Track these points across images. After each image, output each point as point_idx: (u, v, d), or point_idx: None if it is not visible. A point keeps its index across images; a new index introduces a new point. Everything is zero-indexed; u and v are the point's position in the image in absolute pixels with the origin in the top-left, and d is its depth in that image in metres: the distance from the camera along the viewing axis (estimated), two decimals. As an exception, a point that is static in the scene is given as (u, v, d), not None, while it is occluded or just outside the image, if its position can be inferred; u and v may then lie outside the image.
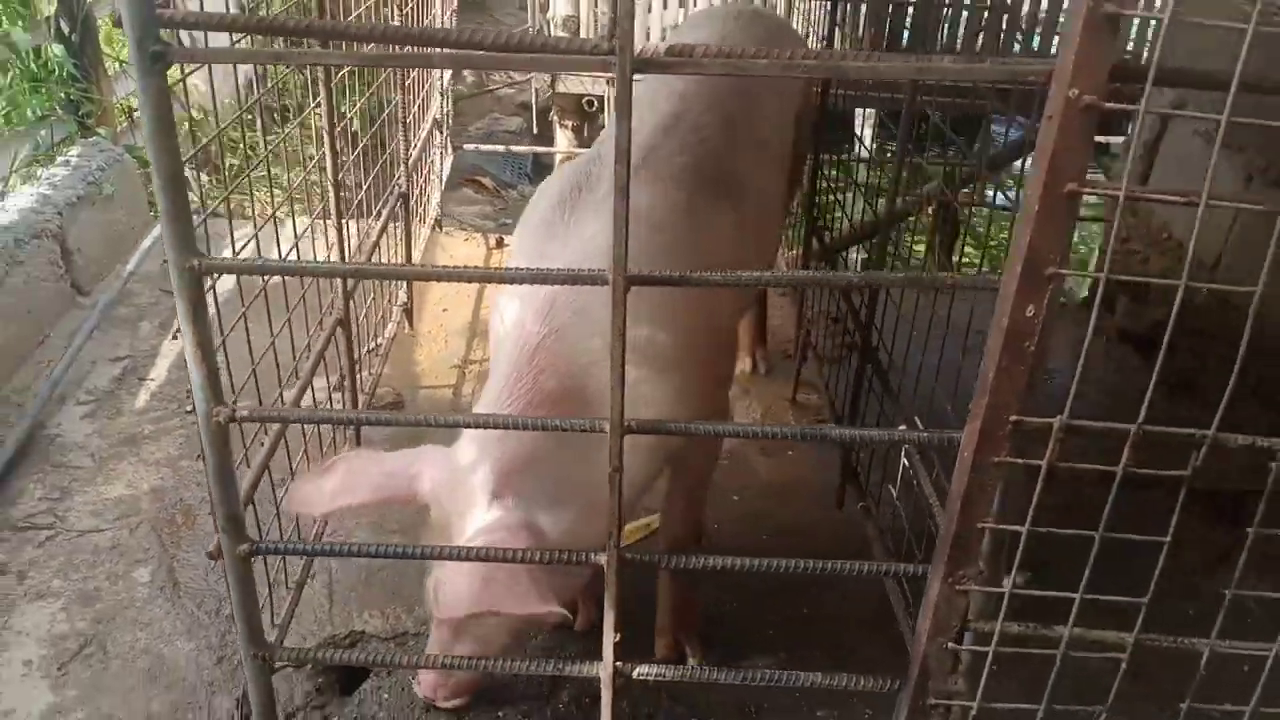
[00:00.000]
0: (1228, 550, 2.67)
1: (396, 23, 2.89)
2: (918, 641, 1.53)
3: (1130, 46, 5.86)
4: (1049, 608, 1.47)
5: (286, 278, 2.27)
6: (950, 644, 1.50)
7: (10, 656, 2.23)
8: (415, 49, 1.16)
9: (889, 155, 2.77)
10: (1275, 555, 1.56)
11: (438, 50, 1.16)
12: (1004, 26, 5.76)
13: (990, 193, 3.51)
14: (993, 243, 7.82)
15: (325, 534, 2.45)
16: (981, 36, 5.41)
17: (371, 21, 1.98)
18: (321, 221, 2.56)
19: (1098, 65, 1.15)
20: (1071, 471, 1.36)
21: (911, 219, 4.33)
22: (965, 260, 7.51)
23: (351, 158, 2.64)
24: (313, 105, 2.34)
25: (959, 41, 5.41)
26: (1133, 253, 4.00)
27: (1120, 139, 6.12)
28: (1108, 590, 1.41)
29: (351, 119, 2.60)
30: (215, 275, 1.59)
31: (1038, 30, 6.05)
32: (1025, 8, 6.02)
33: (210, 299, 1.44)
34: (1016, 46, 5.87)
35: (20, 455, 2.85)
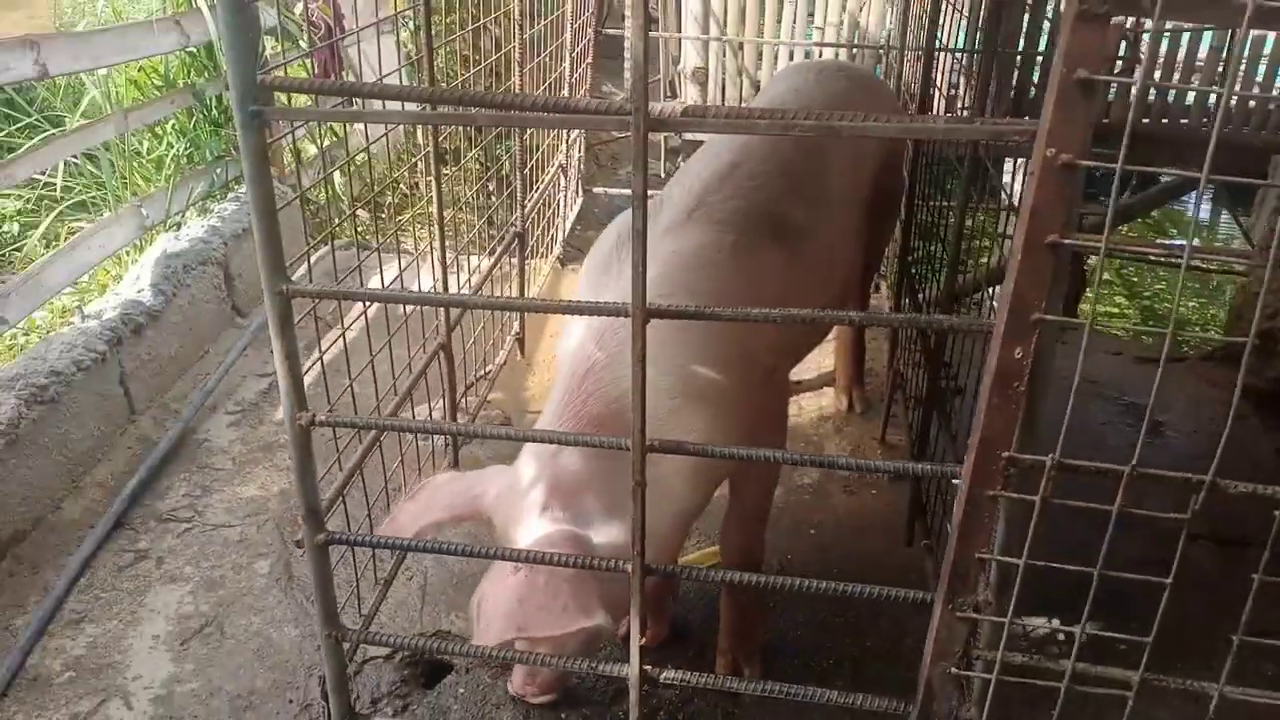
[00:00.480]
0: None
1: (517, 78, 3.18)
2: (923, 666, 1.61)
3: None
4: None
5: (403, 309, 2.51)
6: (953, 669, 1.57)
7: (142, 630, 2.53)
8: (461, 109, 1.35)
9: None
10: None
11: (480, 110, 1.35)
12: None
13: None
14: (1146, 294, 7.56)
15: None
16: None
17: (429, 86, 2.21)
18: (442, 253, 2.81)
19: (1075, 127, 1.24)
20: (1148, 521, 1.40)
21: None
22: (1115, 310, 7.28)
23: (469, 196, 2.89)
24: (420, 154, 2.59)
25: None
26: (1262, 308, 3.86)
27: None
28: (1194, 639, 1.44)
29: (467, 162, 2.84)
30: (316, 300, 1.84)
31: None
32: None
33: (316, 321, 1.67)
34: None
35: (171, 455, 3.21)
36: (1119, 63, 1.26)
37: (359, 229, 4.66)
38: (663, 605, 2.49)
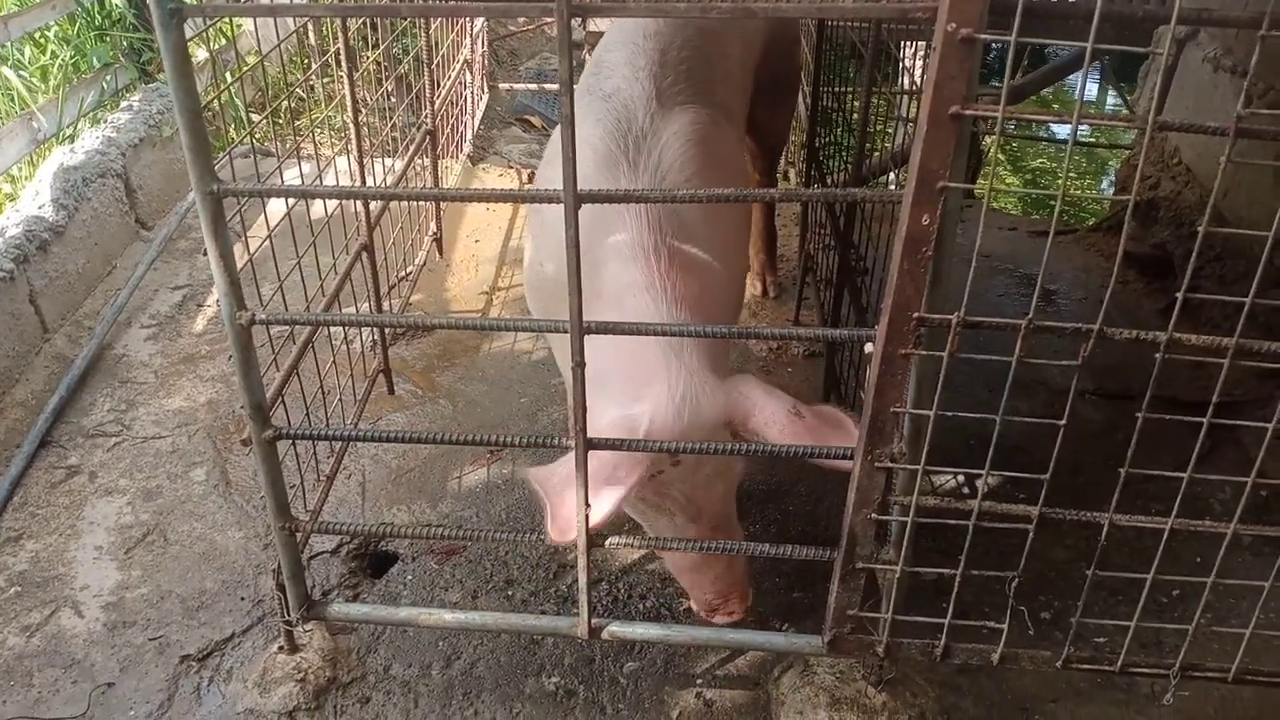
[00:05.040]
0: (1206, 454, 2.86)
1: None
2: (846, 515, 1.75)
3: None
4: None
5: (324, 212, 2.51)
6: (873, 515, 1.72)
7: (84, 543, 2.56)
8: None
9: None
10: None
11: (405, 2, 1.38)
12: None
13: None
14: (1029, 171, 7.89)
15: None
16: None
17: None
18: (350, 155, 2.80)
19: (972, 2, 1.33)
20: (1042, 382, 1.53)
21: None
22: (1003, 187, 7.53)
23: (375, 98, 2.87)
24: (331, 51, 2.56)
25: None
26: (1144, 177, 4.08)
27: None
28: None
29: (369, 63, 2.81)
30: (242, 200, 1.85)
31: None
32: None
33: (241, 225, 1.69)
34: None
35: (90, 372, 3.18)
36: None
37: (257, 136, 4.55)
38: None
